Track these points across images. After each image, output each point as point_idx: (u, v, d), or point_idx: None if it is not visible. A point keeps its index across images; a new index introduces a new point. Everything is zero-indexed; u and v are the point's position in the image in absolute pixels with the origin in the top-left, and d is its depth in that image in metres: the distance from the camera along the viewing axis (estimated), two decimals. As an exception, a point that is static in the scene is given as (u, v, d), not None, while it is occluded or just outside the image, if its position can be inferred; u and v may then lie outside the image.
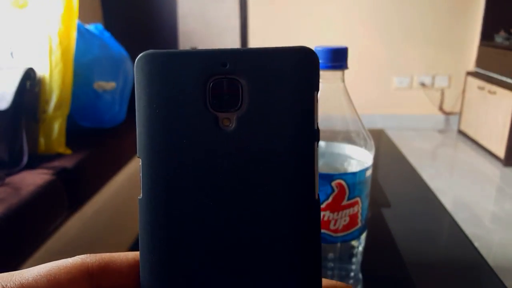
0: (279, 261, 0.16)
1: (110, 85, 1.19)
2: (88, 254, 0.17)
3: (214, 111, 0.16)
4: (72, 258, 0.16)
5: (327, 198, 0.44)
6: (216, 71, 0.16)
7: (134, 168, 1.36)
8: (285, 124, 0.16)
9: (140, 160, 0.17)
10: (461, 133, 2.62)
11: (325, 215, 0.45)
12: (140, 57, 0.17)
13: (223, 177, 0.16)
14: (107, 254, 0.17)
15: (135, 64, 0.17)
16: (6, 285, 0.15)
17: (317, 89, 0.17)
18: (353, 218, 0.45)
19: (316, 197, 0.17)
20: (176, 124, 0.16)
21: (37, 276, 0.15)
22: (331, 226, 0.45)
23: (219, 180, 0.16)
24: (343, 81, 0.45)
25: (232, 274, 0.16)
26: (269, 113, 0.16)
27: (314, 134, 0.17)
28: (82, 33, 1.13)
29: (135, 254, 0.17)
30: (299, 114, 0.16)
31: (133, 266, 0.17)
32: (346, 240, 0.46)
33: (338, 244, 0.47)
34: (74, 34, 1.04)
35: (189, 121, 0.16)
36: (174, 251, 0.16)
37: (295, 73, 0.16)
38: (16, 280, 0.15)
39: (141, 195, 0.17)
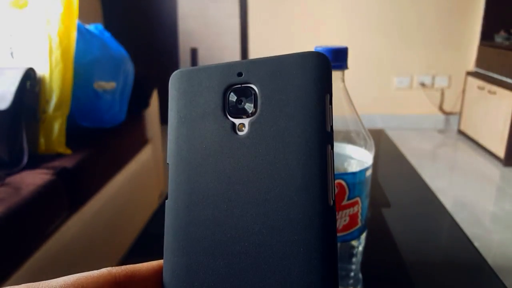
0: (296, 267, 0.16)
1: (110, 85, 1.19)
2: (114, 266, 0.17)
3: (231, 117, 0.17)
4: (98, 270, 0.17)
5: (327, 198, 0.44)
6: (233, 81, 0.18)
7: (134, 168, 1.36)
8: (296, 127, 0.16)
9: (169, 166, 0.18)
10: (461, 133, 2.62)
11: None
12: (173, 75, 0.19)
13: (239, 182, 0.17)
14: (131, 265, 0.18)
15: (169, 81, 0.19)
16: None
17: (329, 92, 0.17)
18: (353, 218, 0.45)
19: (331, 203, 0.16)
20: (198, 132, 0.18)
21: (63, 285, 0.15)
22: (331, 226, 0.45)
23: (235, 185, 0.17)
24: (343, 81, 0.45)
25: (251, 279, 0.16)
26: (280, 117, 0.17)
27: (326, 137, 0.16)
28: (82, 33, 1.13)
29: (159, 262, 0.18)
30: (310, 117, 0.16)
31: (159, 273, 0.18)
32: (346, 240, 0.46)
33: (338, 244, 0.47)
34: (74, 34, 1.04)
35: (210, 128, 0.18)
36: (193, 253, 0.17)
37: (305, 77, 0.17)
38: None
39: (169, 199, 0.18)
